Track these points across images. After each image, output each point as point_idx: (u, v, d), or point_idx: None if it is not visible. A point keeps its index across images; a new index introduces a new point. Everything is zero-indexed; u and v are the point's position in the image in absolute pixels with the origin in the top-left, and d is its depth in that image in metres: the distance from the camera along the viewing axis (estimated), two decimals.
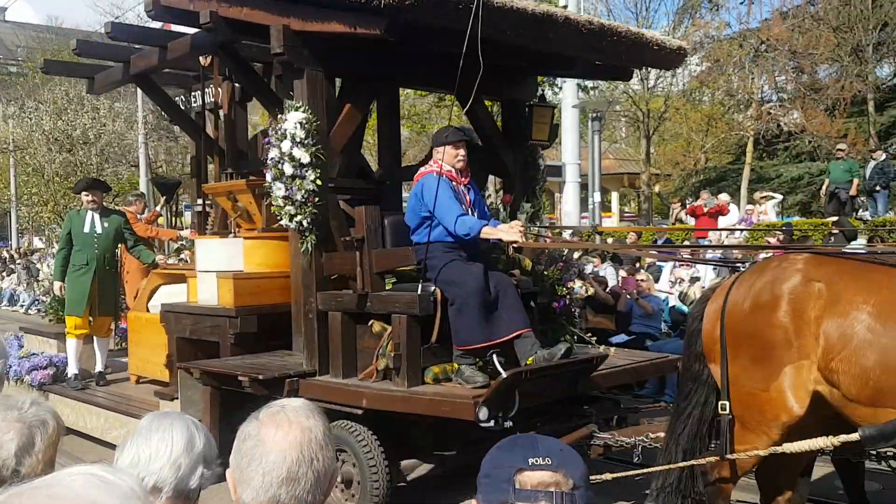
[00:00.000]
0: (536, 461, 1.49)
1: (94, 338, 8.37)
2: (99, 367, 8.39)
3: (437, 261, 5.10)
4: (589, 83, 19.52)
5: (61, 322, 9.67)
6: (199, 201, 9.76)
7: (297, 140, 5.55)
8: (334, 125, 5.86)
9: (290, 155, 5.55)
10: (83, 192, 8.28)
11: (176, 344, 7.27)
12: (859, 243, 9.54)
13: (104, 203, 8.59)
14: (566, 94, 16.00)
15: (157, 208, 10.44)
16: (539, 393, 4.99)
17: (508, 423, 4.76)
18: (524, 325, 5.03)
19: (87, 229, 8.22)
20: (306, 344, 5.79)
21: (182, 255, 8.56)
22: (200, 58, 8.60)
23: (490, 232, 5.05)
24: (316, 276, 5.73)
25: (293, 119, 5.59)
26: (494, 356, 4.94)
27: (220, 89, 9.33)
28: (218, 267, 7.00)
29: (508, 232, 5.00)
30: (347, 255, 5.62)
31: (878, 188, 15.48)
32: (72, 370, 8.23)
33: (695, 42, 22.65)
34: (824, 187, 16.73)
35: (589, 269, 9.89)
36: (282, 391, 5.59)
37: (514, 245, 5.07)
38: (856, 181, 15.69)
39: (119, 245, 8.48)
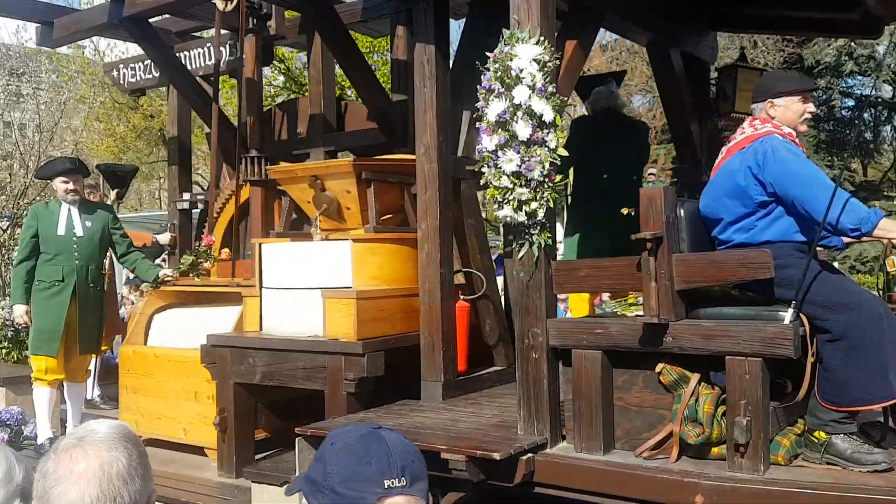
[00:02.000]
0: (393, 483, 1.47)
1: (66, 384, 5.77)
2: (72, 424, 5.77)
3: (794, 270, 3.23)
4: None
5: None
6: (185, 196, 7.36)
7: (537, 86, 3.51)
8: (559, 70, 3.85)
9: (529, 109, 3.50)
10: (59, 178, 5.69)
11: (234, 394, 4.92)
12: None
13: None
14: None
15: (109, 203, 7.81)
16: None
17: None
18: None
19: (62, 230, 5.62)
20: (527, 399, 3.69)
21: (169, 268, 6.09)
22: (217, 1, 6.27)
23: (892, 227, 3.23)
24: (546, 294, 3.68)
25: (527, 54, 3.51)
26: None
27: (218, 47, 7.01)
28: (309, 281, 4.74)
29: None
30: (606, 262, 3.61)
31: None
32: (43, 433, 5.52)
33: None
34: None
35: None
36: (510, 476, 3.50)
37: None
38: None
39: (106, 253, 5.94)
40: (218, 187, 6.94)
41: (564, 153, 3.56)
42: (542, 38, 3.56)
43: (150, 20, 6.63)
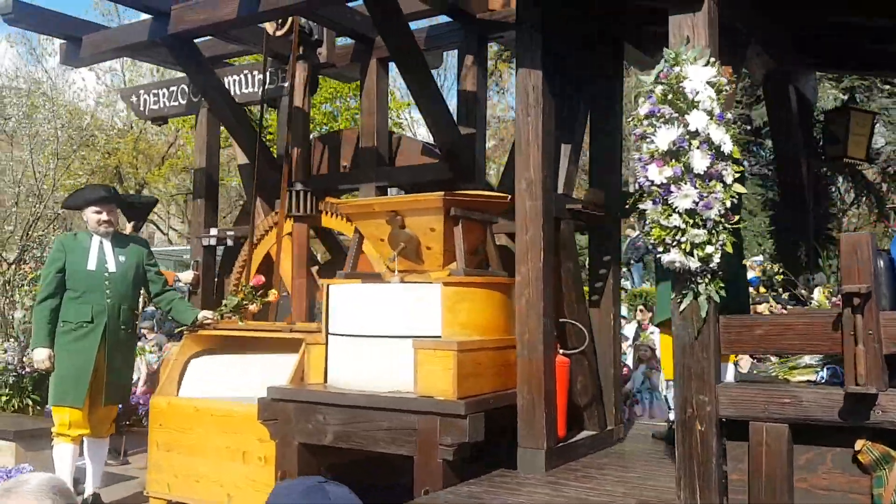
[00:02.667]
0: None
1: (86, 440, 5.00)
2: (91, 486, 4.96)
3: None
4: None
5: None
6: (212, 231, 6.71)
7: (716, 112, 2.99)
8: None
9: (707, 137, 2.97)
10: (91, 207, 5.00)
11: (298, 456, 4.23)
12: None
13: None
14: None
15: None
16: None
17: None
18: None
19: (93, 265, 4.91)
20: (690, 478, 3.08)
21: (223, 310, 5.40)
22: (268, 25, 5.74)
23: None
24: (714, 355, 3.12)
25: (699, 76, 3.00)
26: None
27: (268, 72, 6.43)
28: (388, 329, 4.09)
29: None
30: (792, 320, 3.06)
31: (632, 262, 16.15)
32: None
33: None
34: None
35: None
36: None
37: None
38: None
39: (139, 293, 5.24)
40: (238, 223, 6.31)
41: (742, 190, 3.03)
42: (712, 60, 3.06)
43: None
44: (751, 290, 4.08)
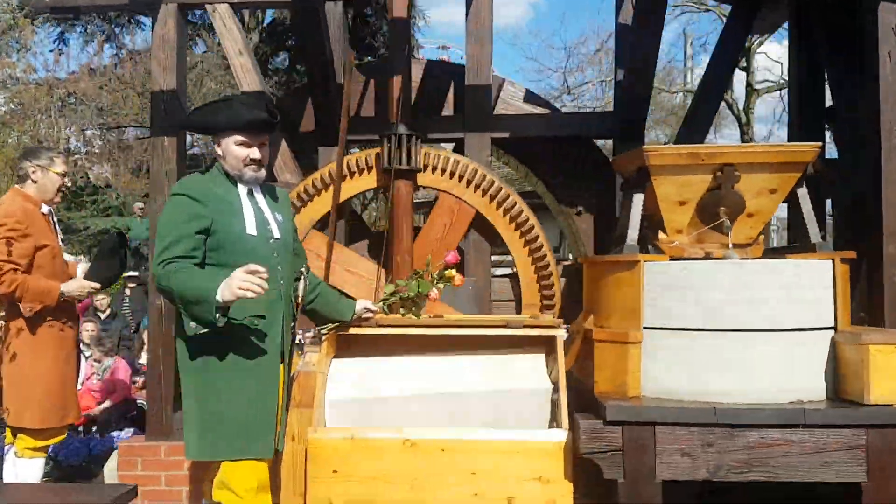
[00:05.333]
0: None
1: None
2: None
3: None
4: None
5: None
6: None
7: None
8: None
9: None
10: (236, 136, 2.94)
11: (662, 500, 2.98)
12: None
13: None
14: None
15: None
16: None
17: None
18: None
19: (252, 228, 2.92)
20: None
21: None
22: None
23: None
24: None
25: None
26: None
27: None
28: (755, 320, 3.06)
29: None
30: None
31: None
32: None
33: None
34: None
35: None
36: None
37: None
38: None
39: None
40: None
41: None
42: None
43: None
44: None
